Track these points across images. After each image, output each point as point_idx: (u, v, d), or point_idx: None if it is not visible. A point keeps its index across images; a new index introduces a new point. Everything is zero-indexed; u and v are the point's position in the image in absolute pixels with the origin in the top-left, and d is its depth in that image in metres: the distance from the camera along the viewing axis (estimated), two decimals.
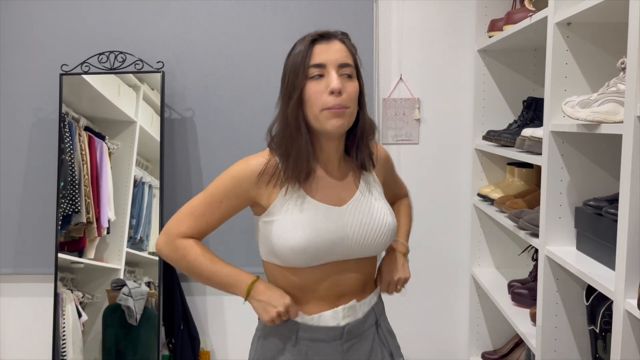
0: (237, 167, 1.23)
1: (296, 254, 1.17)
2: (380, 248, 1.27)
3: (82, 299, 2.36)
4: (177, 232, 1.24)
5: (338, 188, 1.25)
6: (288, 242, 1.17)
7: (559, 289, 1.51)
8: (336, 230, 1.20)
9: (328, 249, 1.19)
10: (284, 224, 1.18)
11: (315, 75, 1.16)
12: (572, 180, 1.47)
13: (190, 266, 1.23)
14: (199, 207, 1.24)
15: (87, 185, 2.34)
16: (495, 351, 2.41)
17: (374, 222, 1.23)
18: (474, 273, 2.38)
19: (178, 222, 1.24)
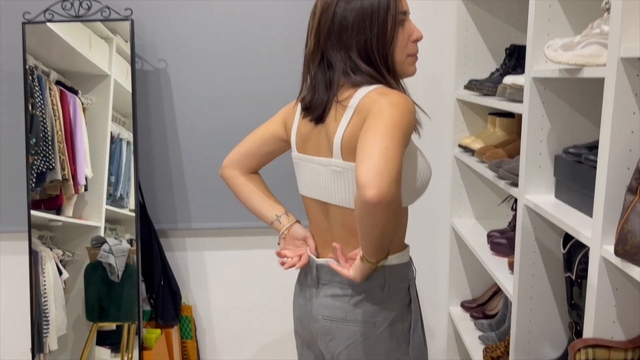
0: (409, 105, 1.14)
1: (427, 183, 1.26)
2: None
3: (62, 256, 2.34)
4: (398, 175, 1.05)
5: None
6: (428, 171, 1.26)
7: (537, 238, 1.51)
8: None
9: None
10: (423, 154, 1.26)
11: (401, 22, 1.19)
12: (553, 128, 1.45)
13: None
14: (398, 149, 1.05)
15: (61, 142, 2.28)
16: (474, 300, 2.46)
17: None
18: (454, 224, 2.39)
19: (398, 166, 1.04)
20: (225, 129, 2.37)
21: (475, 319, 2.32)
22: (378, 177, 0.98)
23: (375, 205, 0.98)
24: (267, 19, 2.30)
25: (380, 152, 1.01)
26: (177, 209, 2.45)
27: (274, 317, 2.57)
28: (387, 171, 0.99)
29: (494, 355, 1.99)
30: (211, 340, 2.62)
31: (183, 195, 2.44)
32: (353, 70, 1.17)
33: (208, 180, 2.42)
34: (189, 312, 2.51)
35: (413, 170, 1.21)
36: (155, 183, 2.43)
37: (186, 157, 2.42)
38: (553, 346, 1.56)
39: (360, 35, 1.16)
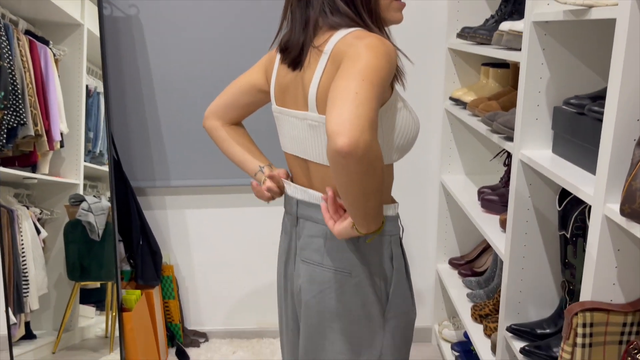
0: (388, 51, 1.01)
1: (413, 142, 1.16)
2: None
3: (40, 215, 2.25)
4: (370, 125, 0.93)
5: None
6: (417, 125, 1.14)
7: (532, 195, 1.44)
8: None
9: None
10: (408, 109, 1.13)
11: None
12: (553, 78, 1.35)
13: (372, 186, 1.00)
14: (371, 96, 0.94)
15: (32, 95, 2.15)
16: (462, 257, 2.42)
17: None
18: (443, 180, 2.32)
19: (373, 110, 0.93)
20: (203, 79, 2.24)
21: (463, 276, 2.29)
22: (348, 123, 0.88)
23: (347, 155, 0.88)
24: None
25: (351, 97, 0.91)
26: (155, 166, 2.34)
27: (258, 274, 2.51)
28: (357, 117, 0.89)
29: (482, 313, 1.96)
30: (194, 299, 2.57)
31: (161, 150, 2.33)
32: (331, 10, 1.06)
33: (187, 135, 2.31)
34: (171, 271, 2.45)
35: (395, 124, 1.10)
36: (130, 138, 2.32)
37: (163, 110, 2.29)
38: (544, 305, 1.52)
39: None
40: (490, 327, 1.85)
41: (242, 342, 2.56)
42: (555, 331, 1.45)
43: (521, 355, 1.42)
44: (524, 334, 1.47)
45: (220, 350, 2.51)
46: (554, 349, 1.37)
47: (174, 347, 2.50)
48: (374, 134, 0.91)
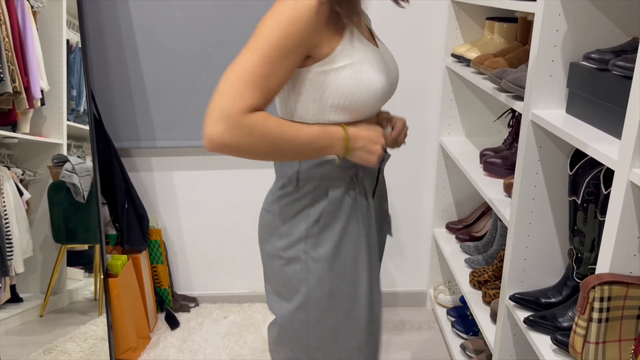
0: (296, 7, 0.93)
1: (378, 99, 1.05)
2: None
3: (22, 176, 2.16)
4: (242, 109, 0.91)
5: (365, 28, 1.12)
6: (375, 85, 1.02)
7: (541, 158, 1.35)
8: (393, 71, 1.13)
9: (391, 92, 1.12)
10: (362, 67, 1.01)
11: None
12: (570, 31, 1.24)
13: (275, 144, 0.97)
14: (258, 71, 0.92)
15: (9, 50, 2.01)
16: (460, 221, 2.35)
17: (396, 62, 1.16)
18: (443, 142, 2.23)
19: (238, 98, 0.91)
20: (191, 31, 2.09)
21: (460, 241, 2.22)
22: (206, 119, 0.90)
23: (212, 151, 0.92)
24: None
25: (221, 84, 0.91)
26: (140, 125, 2.22)
27: (249, 237, 2.44)
28: (211, 111, 0.90)
29: (480, 279, 1.90)
30: (184, 264, 2.50)
31: (145, 109, 2.21)
32: None
33: (173, 93, 2.18)
34: (159, 235, 2.36)
35: (327, 84, 1.01)
36: (113, 96, 2.19)
37: (147, 65, 2.15)
38: (549, 274, 1.45)
39: None
40: (489, 293, 1.80)
41: (232, 307, 2.51)
42: (561, 300, 1.39)
43: (524, 325, 1.36)
44: (528, 303, 1.41)
45: (210, 315, 2.46)
46: (559, 319, 1.31)
47: (164, 312, 2.45)
48: (232, 121, 0.90)
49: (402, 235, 2.46)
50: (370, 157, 1.05)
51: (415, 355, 2.20)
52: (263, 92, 0.93)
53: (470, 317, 2.19)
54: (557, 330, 1.29)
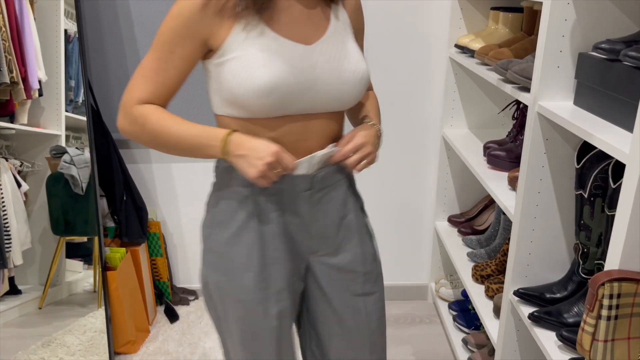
0: (180, 2, 0.99)
1: (260, 96, 0.98)
2: (352, 100, 1.08)
3: (20, 167, 2.15)
4: (132, 100, 1.03)
5: (307, 23, 1.04)
6: (252, 81, 0.97)
7: (548, 151, 1.32)
8: (306, 71, 1.01)
9: (296, 93, 1.00)
10: (245, 61, 0.98)
11: None
12: (579, 21, 1.20)
13: (153, 135, 1.03)
14: (149, 66, 1.03)
15: (6, 40, 1.99)
16: (462, 214, 2.32)
17: (347, 67, 1.04)
18: (445, 134, 2.20)
19: (130, 90, 1.04)
20: None
21: (463, 235, 2.20)
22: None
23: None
24: None
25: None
26: None
27: None
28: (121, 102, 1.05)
29: (483, 273, 1.88)
30: (183, 256, 2.48)
31: None
32: None
33: None
34: (158, 228, 2.34)
35: (219, 77, 1.02)
36: (111, 87, 2.15)
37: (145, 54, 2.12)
38: (555, 269, 1.43)
39: None
40: (492, 288, 1.77)
41: None
42: (566, 295, 1.37)
43: (529, 321, 1.34)
44: (532, 298, 1.39)
45: None
46: (564, 315, 1.29)
47: (163, 305, 2.43)
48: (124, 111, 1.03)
49: (403, 229, 2.43)
50: (249, 170, 0.99)
51: (417, 349, 2.19)
52: (153, 85, 1.03)
53: (472, 311, 2.17)
54: (563, 326, 1.27)
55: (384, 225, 2.40)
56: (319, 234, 1.14)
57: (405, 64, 2.18)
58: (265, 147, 0.99)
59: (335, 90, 1.04)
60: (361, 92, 1.07)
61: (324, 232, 1.14)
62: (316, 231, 1.13)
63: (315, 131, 1.06)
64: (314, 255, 1.17)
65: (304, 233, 1.13)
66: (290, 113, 1.03)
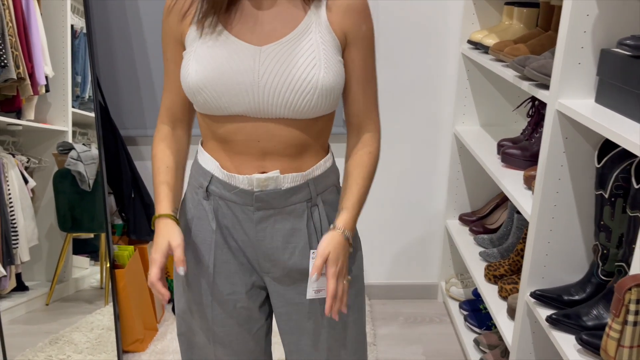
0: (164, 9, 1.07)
1: (194, 93, 1.01)
2: (305, 110, 1.00)
3: (27, 163, 2.14)
4: (160, 115, 1.13)
5: (267, 25, 1.01)
6: (187, 77, 1.01)
7: (567, 150, 1.29)
8: (243, 72, 0.98)
9: (231, 93, 0.99)
10: (187, 58, 1.02)
11: None
12: (601, 16, 1.17)
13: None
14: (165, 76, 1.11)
15: (13, 35, 1.97)
16: (474, 213, 2.29)
17: (295, 73, 0.97)
18: (457, 132, 2.16)
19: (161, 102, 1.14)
20: None
21: (474, 234, 2.17)
22: None
23: None
24: None
25: None
26: (146, 113, 2.18)
27: None
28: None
29: (496, 273, 1.85)
30: None
31: (152, 96, 2.16)
32: None
33: None
34: None
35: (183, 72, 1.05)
36: (118, 83, 2.14)
37: (153, 51, 2.10)
38: (572, 271, 1.40)
39: None
40: (506, 288, 1.75)
41: None
42: (584, 298, 1.34)
43: (546, 323, 1.31)
44: (550, 300, 1.36)
45: None
46: (583, 318, 1.26)
47: (171, 303, 2.41)
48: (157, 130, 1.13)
49: (413, 227, 2.40)
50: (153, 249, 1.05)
51: (427, 348, 2.16)
52: (168, 93, 1.11)
53: (484, 311, 2.14)
54: (582, 329, 1.24)
55: (393, 223, 2.38)
56: (265, 256, 1.10)
57: (417, 60, 2.14)
58: (157, 245, 1.01)
59: (280, 97, 0.98)
60: (315, 103, 0.99)
61: (271, 255, 1.10)
62: (262, 252, 1.10)
63: (269, 134, 1.02)
64: (267, 275, 1.13)
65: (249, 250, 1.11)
66: (237, 113, 1.01)
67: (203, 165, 1.09)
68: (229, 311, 1.12)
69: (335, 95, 1.02)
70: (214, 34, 1.00)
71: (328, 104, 1.01)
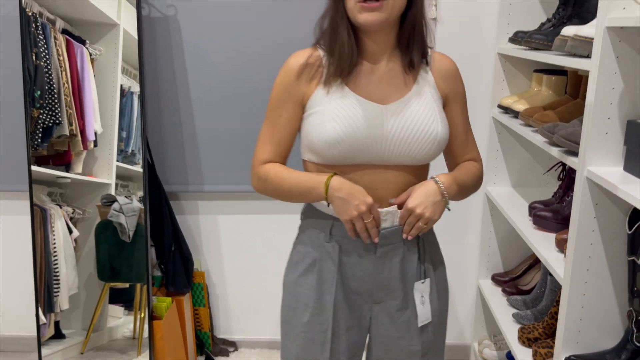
0: (281, 72, 1.22)
1: (329, 146, 1.16)
2: (423, 158, 1.21)
3: (72, 214, 2.25)
4: (257, 163, 1.25)
5: (385, 86, 1.21)
6: (324, 133, 1.16)
7: (598, 215, 1.32)
8: (374, 127, 1.16)
9: (363, 146, 1.16)
10: (321, 116, 1.17)
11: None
12: (627, 89, 1.23)
13: (274, 186, 1.23)
14: (265, 131, 1.25)
15: (68, 95, 2.13)
16: (507, 273, 2.29)
17: (418, 127, 1.18)
18: (489, 192, 2.20)
19: (255, 155, 1.26)
20: (240, 83, 2.17)
21: (507, 294, 2.16)
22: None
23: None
24: None
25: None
26: (189, 170, 2.29)
27: None
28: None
29: (530, 336, 1.83)
30: (225, 307, 2.50)
31: (195, 155, 2.28)
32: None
33: (221, 140, 2.25)
34: (202, 278, 2.39)
35: (304, 128, 1.22)
36: (164, 141, 2.27)
37: (198, 113, 2.24)
38: (607, 336, 1.39)
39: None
40: (540, 352, 1.73)
41: (272, 353, 2.49)
42: None
43: None
44: None
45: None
46: None
47: (203, 355, 2.44)
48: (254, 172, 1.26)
49: None
50: (343, 213, 1.16)
51: None
52: (271, 146, 1.24)
53: None
54: None
55: None
56: (381, 286, 1.26)
57: None
58: (362, 196, 1.14)
59: (405, 148, 1.17)
60: (433, 152, 1.20)
61: (387, 285, 1.26)
62: (379, 283, 1.26)
63: (386, 181, 1.20)
64: (377, 305, 1.28)
65: (366, 283, 1.26)
66: (361, 163, 1.19)
67: (323, 211, 1.25)
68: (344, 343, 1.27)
69: (445, 144, 1.24)
70: (341, 94, 1.17)
71: (440, 151, 1.24)
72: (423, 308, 1.25)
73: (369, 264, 1.24)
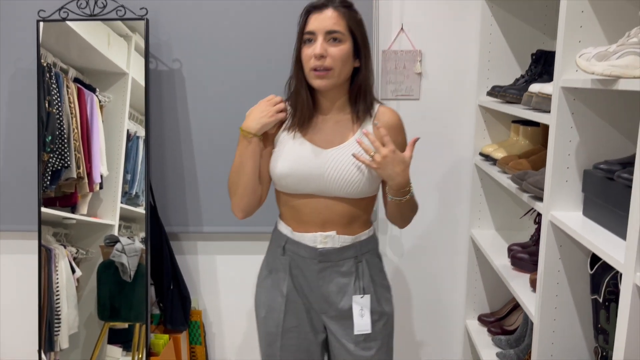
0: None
1: (279, 179, 1.50)
2: (355, 194, 1.48)
3: (75, 254, 2.31)
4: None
5: (331, 134, 1.50)
6: (275, 169, 1.49)
7: (562, 256, 1.43)
8: (315, 167, 1.46)
9: (305, 181, 1.47)
10: (276, 155, 1.51)
11: (306, 40, 1.44)
12: (582, 141, 1.36)
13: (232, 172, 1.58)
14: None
15: (77, 140, 2.25)
16: (492, 314, 2.37)
17: (349, 169, 1.45)
18: (473, 235, 2.31)
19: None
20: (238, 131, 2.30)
21: (493, 334, 2.24)
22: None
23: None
24: (282, 18, 2.24)
25: None
26: (189, 212, 2.41)
27: None
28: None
29: None
30: (220, 345, 2.57)
31: (195, 197, 2.40)
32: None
33: (220, 184, 2.35)
34: (199, 317, 2.47)
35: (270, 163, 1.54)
36: (167, 184, 2.39)
37: (199, 158, 2.37)
38: None
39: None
40: None
41: None
42: None
43: None
44: None
45: None
46: None
47: None
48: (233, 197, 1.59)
49: (433, 326, 2.48)
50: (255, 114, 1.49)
51: None
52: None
53: None
54: None
55: (414, 322, 2.47)
56: (323, 298, 1.53)
57: (436, 168, 2.35)
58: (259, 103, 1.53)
59: (338, 184, 1.45)
60: (361, 190, 1.47)
61: (327, 298, 1.53)
62: (321, 295, 1.53)
63: (328, 208, 1.49)
64: (324, 314, 1.56)
65: (312, 294, 1.54)
66: (308, 192, 1.48)
67: (281, 230, 1.56)
68: (293, 339, 1.56)
69: (376, 184, 1.50)
70: (294, 138, 1.49)
71: (371, 189, 1.50)
72: (362, 319, 1.50)
73: (312, 278, 1.52)
